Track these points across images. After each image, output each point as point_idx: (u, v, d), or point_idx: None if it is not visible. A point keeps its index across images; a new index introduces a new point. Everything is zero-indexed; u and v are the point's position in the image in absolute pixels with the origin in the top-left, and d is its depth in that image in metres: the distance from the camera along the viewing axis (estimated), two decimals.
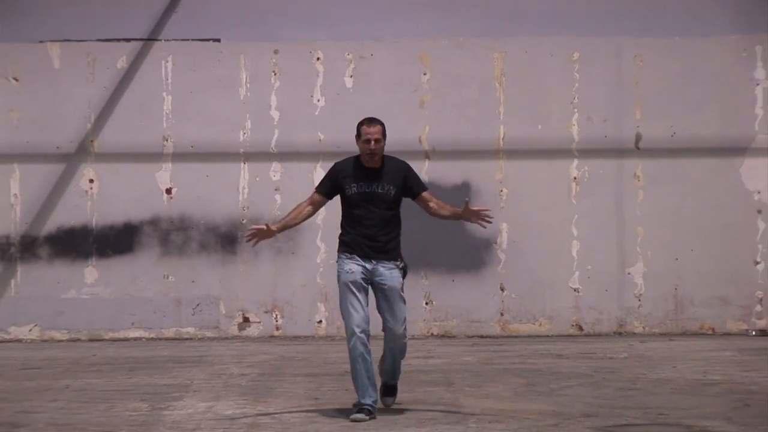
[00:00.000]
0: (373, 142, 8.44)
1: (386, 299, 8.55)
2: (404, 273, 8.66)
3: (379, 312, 8.60)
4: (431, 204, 8.68)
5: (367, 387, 8.46)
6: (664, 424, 8.60)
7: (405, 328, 8.63)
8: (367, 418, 8.34)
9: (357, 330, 8.36)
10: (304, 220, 8.88)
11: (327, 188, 8.67)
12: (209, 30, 14.15)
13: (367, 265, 8.49)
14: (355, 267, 8.48)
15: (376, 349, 8.70)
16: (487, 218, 8.66)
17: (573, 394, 9.92)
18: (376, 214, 8.50)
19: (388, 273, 8.54)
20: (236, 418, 8.92)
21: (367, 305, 8.45)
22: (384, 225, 8.54)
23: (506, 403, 9.48)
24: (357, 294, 8.45)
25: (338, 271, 8.56)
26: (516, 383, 10.55)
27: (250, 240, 8.75)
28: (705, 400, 9.54)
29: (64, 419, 8.97)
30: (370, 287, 8.57)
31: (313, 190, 8.87)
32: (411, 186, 8.64)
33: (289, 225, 8.85)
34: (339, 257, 8.61)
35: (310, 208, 8.75)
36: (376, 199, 8.50)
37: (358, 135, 8.53)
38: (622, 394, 9.89)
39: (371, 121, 8.57)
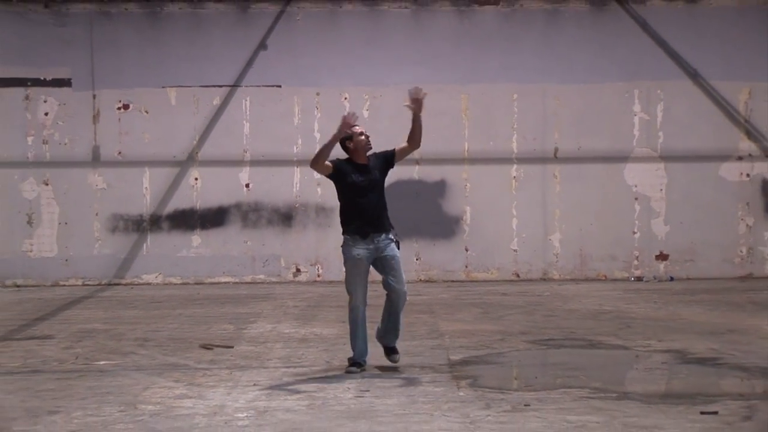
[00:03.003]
0: (365, 135, 7.35)
1: (390, 266, 7.12)
2: (398, 244, 7.26)
3: (384, 275, 7.17)
4: (404, 146, 7.47)
5: (362, 348, 7.21)
6: (573, 338, 8.60)
7: (405, 285, 7.20)
8: (359, 370, 7.12)
9: (360, 304, 7.13)
10: (323, 162, 7.18)
11: (337, 163, 7.26)
12: (273, 79, 14.00)
13: (371, 246, 7.13)
14: (362, 252, 7.11)
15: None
16: (414, 102, 7.61)
17: (513, 319, 9.88)
18: (372, 199, 7.18)
19: (389, 246, 7.15)
20: (292, 335, 8.93)
21: (368, 283, 7.20)
22: (378, 206, 7.22)
23: (469, 325, 9.45)
24: (362, 274, 7.12)
25: (345, 253, 7.17)
26: (476, 312, 10.51)
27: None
28: (600, 323, 9.52)
29: (178, 335, 9.00)
30: (371, 266, 7.22)
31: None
32: (385, 157, 7.38)
33: (324, 154, 7.20)
34: (346, 242, 7.18)
35: (329, 163, 7.23)
36: (372, 184, 7.23)
37: (351, 138, 7.28)
38: (546, 319, 9.86)
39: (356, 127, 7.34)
